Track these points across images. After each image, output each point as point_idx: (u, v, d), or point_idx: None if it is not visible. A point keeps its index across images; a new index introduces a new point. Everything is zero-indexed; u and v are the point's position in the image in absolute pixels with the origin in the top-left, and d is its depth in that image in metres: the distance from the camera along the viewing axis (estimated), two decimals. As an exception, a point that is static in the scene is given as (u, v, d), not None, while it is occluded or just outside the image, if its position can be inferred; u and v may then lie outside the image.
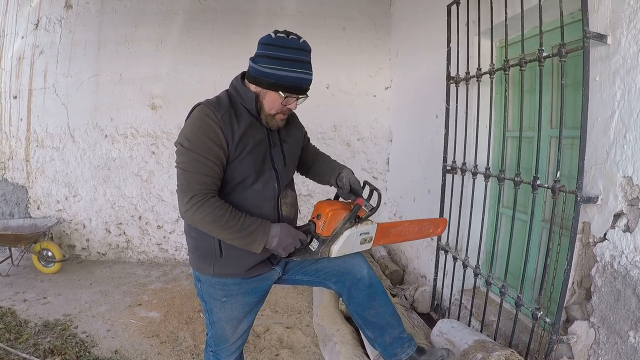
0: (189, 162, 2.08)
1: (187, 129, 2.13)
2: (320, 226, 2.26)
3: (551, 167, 3.14)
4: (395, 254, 5.96)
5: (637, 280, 2.18)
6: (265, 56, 2.07)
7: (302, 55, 2.09)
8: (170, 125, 6.23)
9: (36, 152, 6.24)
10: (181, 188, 2.11)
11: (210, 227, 2.11)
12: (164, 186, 6.34)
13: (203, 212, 2.07)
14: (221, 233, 2.12)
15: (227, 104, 2.18)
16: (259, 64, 2.10)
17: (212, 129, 2.08)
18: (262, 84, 2.13)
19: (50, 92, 6.15)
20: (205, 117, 2.10)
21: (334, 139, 6.44)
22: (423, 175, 4.99)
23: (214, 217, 2.08)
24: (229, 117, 2.14)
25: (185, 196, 2.08)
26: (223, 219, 2.08)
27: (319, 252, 2.25)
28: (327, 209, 2.27)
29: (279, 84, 2.09)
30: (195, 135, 2.09)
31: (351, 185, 2.41)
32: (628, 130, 2.25)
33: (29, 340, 3.93)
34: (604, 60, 2.40)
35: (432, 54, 4.68)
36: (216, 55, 6.14)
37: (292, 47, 2.07)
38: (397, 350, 2.57)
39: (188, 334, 4.21)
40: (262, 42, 2.11)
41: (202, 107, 2.15)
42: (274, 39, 2.07)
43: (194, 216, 2.09)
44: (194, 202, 2.07)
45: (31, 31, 6.13)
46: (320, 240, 2.25)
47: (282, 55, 2.05)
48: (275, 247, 2.18)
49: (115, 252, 6.50)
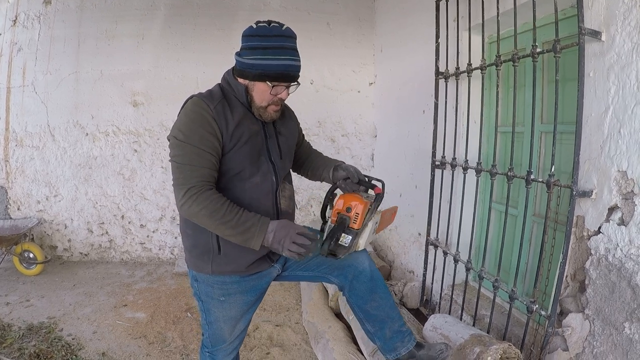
0: (184, 155, 2.06)
1: (180, 122, 2.10)
2: (353, 219, 2.21)
3: (541, 162, 3.17)
4: (381, 249, 5.97)
5: (632, 272, 2.21)
6: (249, 48, 2.06)
7: (285, 42, 2.06)
8: (153, 123, 6.15)
9: (15, 151, 6.11)
10: (177, 182, 2.08)
11: (206, 220, 2.06)
12: (146, 184, 6.27)
13: (199, 205, 2.03)
14: (218, 228, 2.08)
15: (219, 96, 2.16)
16: (244, 57, 2.08)
17: (205, 119, 2.06)
18: (248, 76, 2.11)
19: (29, 90, 6.02)
20: (198, 109, 2.08)
21: (319, 134, 6.44)
22: (410, 171, 5.00)
23: (210, 210, 2.04)
24: (222, 108, 2.12)
25: (182, 189, 2.05)
26: (219, 212, 2.04)
27: (351, 247, 2.21)
28: (355, 201, 2.22)
29: (265, 74, 2.06)
30: (188, 127, 2.06)
31: (359, 177, 2.40)
32: (622, 126, 2.27)
33: (13, 345, 3.86)
34: (598, 57, 2.42)
35: (418, 50, 4.69)
36: (198, 51, 6.08)
37: (275, 35, 2.04)
38: (397, 344, 2.58)
39: (176, 334, 4.18)
40: (244, 35, 2.09)
41: (195, 99, 2.12)
42: (256, 29, 2.05)
43: (190, 210, 2.05)
44: (190, 195, 2.03)
45: (9, 28, 5.98)
46: (353, 233, 2.20)
47: (265, 45, 2.03)
48: (271, 243, 2.12)
49: (98, 252, 6.41)
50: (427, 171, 4.11)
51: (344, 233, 2.19)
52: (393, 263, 5.51)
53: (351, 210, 2.21)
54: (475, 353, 2.59)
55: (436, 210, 3.98)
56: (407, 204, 5.07)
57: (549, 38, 2.74)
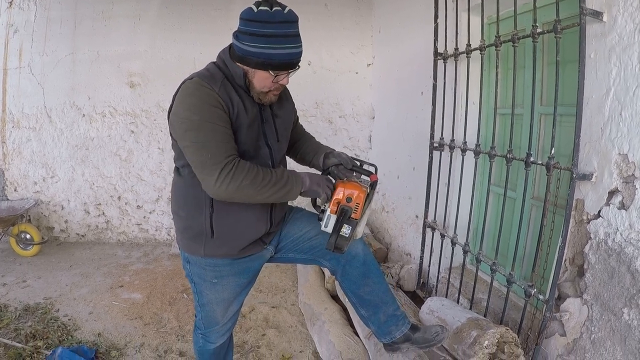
0: (206, 133, 1.96)
1: (189, 102, 2.00)
2: (353, 210, 2.18)
3: (541, 144, 3.14)
4: (378, 231, 5.95)
5: (632, 257, 2.19)
6: (249, 33, 1.93)
7: (289, 29, 1.93)
8: (149, 104, 6.11)
9: (12, 133, 6.07)
10: (205, 164, 1.97)
11: (249, 190, 2.01)
12: (143, 165, 6.25)
13: (238, 179, 1.97)
14: (260, 192, 2.04)
15: (220, 77, 2.08)
16: (244, 42, 1.96)
17: (214, 98, 1.98)
18: (249, 63, 2.01)
19: (26, 72, 5.97)
20: (203, 89, 1.99)
21: (316, 116, 6.40)
22: (408, 153, 4.97)
23: (250, 179, 1.99)
24: (225, 90, 2.05)
25: (214, 170, 1.95)
26: (259, 177, 2.02)
27: (351, 237, 2.17)
28: (356, 190, 2.19)
29: (268, 63, 1.97)
30: (199, 107, 1.97)
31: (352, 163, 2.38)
32: (624, 108, 2.23)
33: (9, 325, 3.86)
34: (599, 38, 2.37)
35: (417, 31, 4.62)
36: (195, 32, 6.02)
37: (277, 22, 1.90)
38: (391, 327, 2.57)
39: (172, 315, 4.18)
40: (244, 18, 1.95)
41: (197, 80, 2.03)
42: (256, 14, 1.90)
43: (229, 188, 1.97)
44: (225, 173, 1.95)
45: (5, 9, 5.91)
46: (353, 224, 2.17)
47: (267, 32, 1.90)
48: (310, 185, 2.17)
49: (95, 233, 6.41)
50: (425, 153, 4.08)
51: (345, 223, 2.16)
52: (390, 245, 5.49)
53: (352, 201, 2.19)
54: (472, 337, 2.59)
55: (434, 192, 3.95)
56: (405, 186, 5.04)
57: (549, 19, 2.69)
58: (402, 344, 2.59)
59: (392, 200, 5.53)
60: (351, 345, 3.27)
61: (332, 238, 2.15)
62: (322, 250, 2.48)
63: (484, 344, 2.52)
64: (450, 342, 2.76)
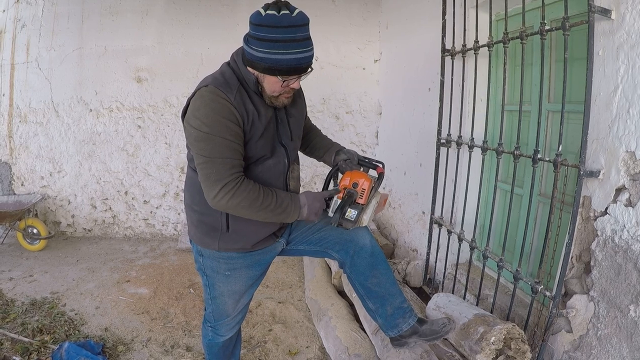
0: (213, 148, 1.98)
1: (200, 112, 2.00)
2: (359, 194, 2.27)
3: (548, 142, 3.14)
4: (385, 227, 5.96)
5: (638, 255, 2.19)
6: (257, 38, 1.91)
7: (297, 33, 1.89)
8: (157, 99, 6.12)
9: (19, 127, 6.08)
10: (209, 178, 2.02)
11: (246, 211, 2.09)
12: (150, 160, 6.26)
13: (237, 198, 2.03)
14: (256, 214, 2.12)
15: (235, 83, 2.08)
16: (252, 47, 1.95)
17: (227, 109, 1.99)
18: (258, 68, 2.00)
19: (33, 67, 5.98)
20: (218, 98, 1.99)
21: (323, 112, 6.41)
22: (414, 149, 4.97)
23: (249, 201, 2.05)
24: (241, 97, 2.06)
25: (216, 186, 2.01)
26: (258, 201, 2.07)
27: (356, 221, 2.24)
28: (362, 178, 2.29)
29: (275, 68, 1.95)
30: (211, 119, 1.97)
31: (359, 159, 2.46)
32: (632, 106, 2.23)
33: (16, 320, 3.88)
34: (607, 35, 2.37)
35: (424, 27, 4.62)
36: (203, 27, 6.02)
37: (285, 26, 1.86)
38: (398, 320, 2.58)
39: (179, 310, 4.19)
40: (252, 22, 1.92)
41: (212, 89, 2.02)
42: (264, 18, 1.87)
43: (228, 204, 2.04)
44: (226, 191, 2.01)
45: (12, 4, 5.92)
46: (359, 208, 2.24)
47: (274, 37, 1.87)
48: (307, 215, 2.22)
49: (101, 227, 6.43)
50: (432, 149, 4.08)
51: (350, 208, 2.23)
52: (396, 241, 5.50)
53: (357, 186, 2.27)
54: (479, 333, 2.59)
55: (441, 188, 3.96)
56: (412, 182, 5.05)
57: (558, 16, 2.69)
58: (409, 337, 2.60)
59: (398, 196, 5.53)
60: (358, 340, 3.27)
61: (336, 214, 2.22)
62: (331, 242, 2.52)
63: (491, 340, 2.53)
64: (456, 338, 2.77)
